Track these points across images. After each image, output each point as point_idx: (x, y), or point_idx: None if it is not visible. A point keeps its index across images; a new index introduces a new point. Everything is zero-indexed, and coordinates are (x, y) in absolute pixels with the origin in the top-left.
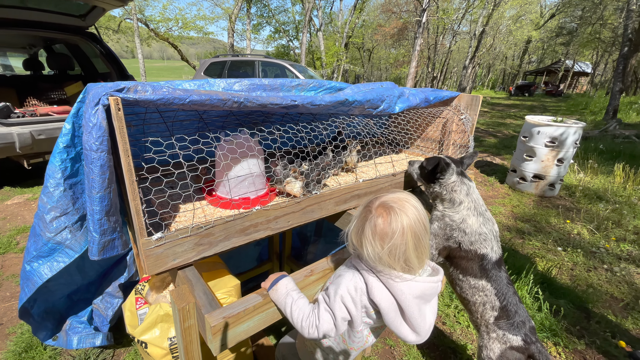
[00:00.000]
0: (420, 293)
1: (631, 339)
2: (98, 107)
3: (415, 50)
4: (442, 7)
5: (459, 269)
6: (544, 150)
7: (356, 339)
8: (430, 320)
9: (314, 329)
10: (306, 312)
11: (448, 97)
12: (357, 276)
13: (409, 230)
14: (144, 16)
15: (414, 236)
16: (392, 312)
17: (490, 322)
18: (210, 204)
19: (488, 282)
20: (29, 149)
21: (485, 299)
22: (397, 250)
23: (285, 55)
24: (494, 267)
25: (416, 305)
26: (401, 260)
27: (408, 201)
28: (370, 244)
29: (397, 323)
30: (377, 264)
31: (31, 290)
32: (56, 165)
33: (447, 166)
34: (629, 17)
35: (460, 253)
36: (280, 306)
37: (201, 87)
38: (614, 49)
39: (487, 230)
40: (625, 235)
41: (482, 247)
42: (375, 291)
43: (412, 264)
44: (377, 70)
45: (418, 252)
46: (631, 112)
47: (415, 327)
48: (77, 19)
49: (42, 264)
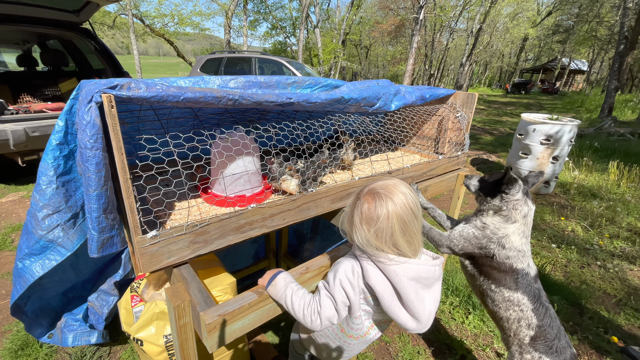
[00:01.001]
0: (414, 275)
1: (623, 334)
2: (91, 104)
3: (413, 47)
4: (439, 4)
5: (490, 279)
6: (540, 147)
7: (355, 325)
8: (430, 307)
9: (316, 315)
10: (307, 300)
11: (444, 94)
12: (353, 261)
13: (394, 215)
14: (139, 12)
15: (400, 220)
16: (388, 295)
17: (525, 341)
18: (205, 202)
19: (524, 296)
20: (23, 146)
21: (520, 315)
22: (383, 234)
23: (282, 52)
24: (532, 282)
25: (412, 288)
26: (389, 243)
27: (396, 187)
28: (358, 228)
29: (394, 308)
30: (367, 248)
31: (23, 288)
32: (49, 163)
33: (514, 180)
34: (626, 15)
35: (492, 263)
36: (280, 300)
37: (196, 85)
38: (610, 47)
39: (526, 249)
40: (618, 232)
41: (519, 262)
42: (370, 274)
43: (401, 248)
44: (374, 68)
45: (406, 237)
46: (626, 110)
47: (414, 312)
48: (71, 14)
49: (34, 261)
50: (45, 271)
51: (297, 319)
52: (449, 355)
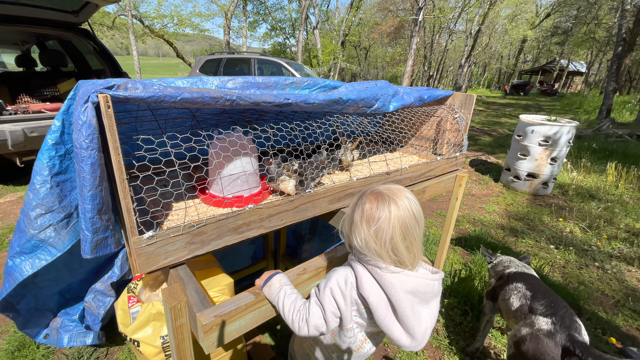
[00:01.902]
0: (412, 288)
1: (621, 335)
2: (87, 104)
3: (412, 48)
4: (438, 5)
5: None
6: (538, 149)
7: (347, 338)
8: (426, 323)
9: (303, 322)
10: (297, 305)
11: (442, 96)
12: (348, 270)
13: (396, 217)
14: (138, 12)
15: (402, 224)
16: (382, 307)
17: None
18: (202, 202)
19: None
20: (21, 146)
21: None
22: (383, 235)
23: (281, 53)
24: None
25: (408, 302)
26: (388, 247)
27: (401, 191)
28: (358, 227)
29: (388, 322)
30: (365, 251)
31: (11, 286)
32: (44, 162)
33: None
34: (624, 17)
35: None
36: (274, 301)
37: (194, 85)
38: (609, 49)
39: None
40: (616, 233)
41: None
42: (364, 284)
43: (400, 255)
44: (373, 69)
45: (407, 242)
46: (624, 112)
47: (409, 327)
48: (70, 14)
49: (24, 260)
50: (35, 270)
51: (287, 322)
52: (447, 357)
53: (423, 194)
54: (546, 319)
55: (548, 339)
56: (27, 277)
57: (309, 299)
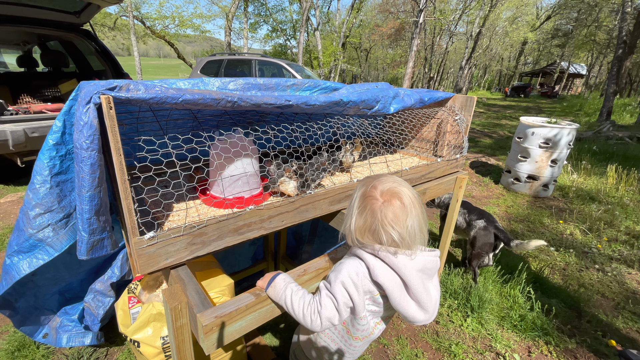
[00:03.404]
0: (422, 266)
1: (621, 337)
2: (89, 105)
3: (412, 50)
4: (439, 7)
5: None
6: (538, 151)
7: (360, 326)
8: (435, 296)
9: (316, 315)
10: (307, 300)
11: (443, 97)
12: (357, 262)
13: (396, 198)
14: (140, 13)
15: (409, 208)
16: (397, 290)
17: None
18: (203, 203)
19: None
20: (22, 146)
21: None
22: (398, 220)
23: (282, 55)
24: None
25: (419, 279)
26: (397, 231)
27: (399, 182)
28: (358, 208)
29: (404, 302)
30: (371, 240)
31: (8, 284)
32: (44, 162)
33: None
34: (624, 20)
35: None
36: (280, 301)
37: (195, 86)
38: (609, 51)
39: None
40: (617, 235)
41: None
42: (377, 271)
43: (411, 238)
44: (374, 71)
45: (415, 226)
46: (625, 114)
47: (422, 303)
48: (72, 15)
49: (21, 259)
50: (32, 270)
51: (297, 319)
52: (447, 358)
53: (423, 195)
54: (481, 221)
55: (486, 230)
56: (25, 276)
57: (319, 292)
